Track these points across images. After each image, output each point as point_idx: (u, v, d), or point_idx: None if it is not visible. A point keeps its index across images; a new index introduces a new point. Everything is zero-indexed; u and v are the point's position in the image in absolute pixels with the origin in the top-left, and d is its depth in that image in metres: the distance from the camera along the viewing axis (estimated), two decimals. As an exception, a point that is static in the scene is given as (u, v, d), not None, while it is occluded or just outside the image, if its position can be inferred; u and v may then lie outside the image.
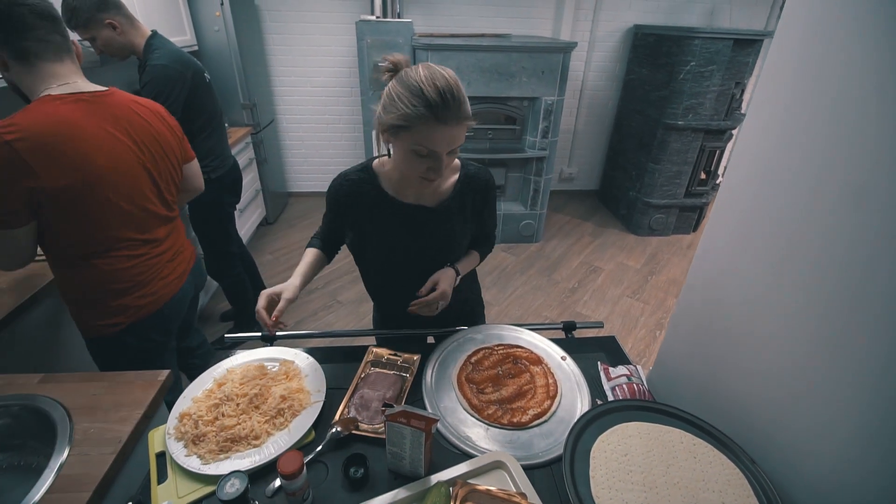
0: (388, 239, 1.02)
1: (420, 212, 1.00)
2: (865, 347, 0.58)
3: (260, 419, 0.85)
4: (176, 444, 0.81)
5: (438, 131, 0.79)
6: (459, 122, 0.80)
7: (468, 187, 1.03)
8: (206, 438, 0.81)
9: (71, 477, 0.79)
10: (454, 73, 0.82)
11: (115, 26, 1.60)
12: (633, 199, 3.72)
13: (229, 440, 0.81)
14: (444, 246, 1.05)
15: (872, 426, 0.57)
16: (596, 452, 0.74)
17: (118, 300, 1.16)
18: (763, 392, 0.76)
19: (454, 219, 1.03)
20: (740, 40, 2.96)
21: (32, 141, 0.93)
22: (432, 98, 0.76)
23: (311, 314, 2.68)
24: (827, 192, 0.62)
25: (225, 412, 0.85)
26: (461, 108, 0.79)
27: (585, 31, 3.73)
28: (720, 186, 0.88)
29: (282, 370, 0.97)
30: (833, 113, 0.61)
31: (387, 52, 2.95)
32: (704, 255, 0.94)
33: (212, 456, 0.78)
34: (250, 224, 3.25)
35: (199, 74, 1.81)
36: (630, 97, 3.80)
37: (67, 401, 0.94)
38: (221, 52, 2.92)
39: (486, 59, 2.89)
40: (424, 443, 0.73)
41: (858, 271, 0.58)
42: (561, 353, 1.08)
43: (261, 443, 0.82)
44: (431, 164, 0.85)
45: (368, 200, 1.00)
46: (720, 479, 0.70)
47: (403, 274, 1.07)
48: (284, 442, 0.82)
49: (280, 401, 0.88)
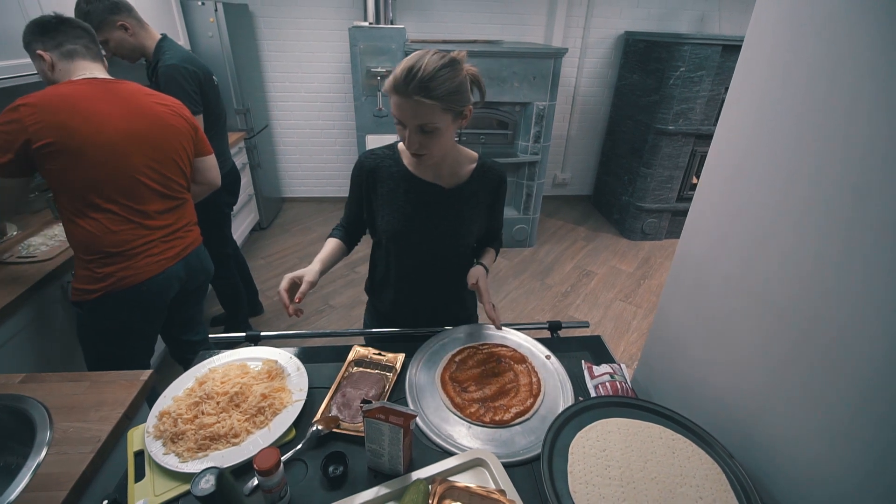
0: (404, 212, 1.06)
1: (434, 189, 1.06)
2: (839, 345, 0.58)
3: (240, 417, 0.84)
4: (154, 442, 0.80)
5: (396, 101, 0.88)
6: (410, 95, 0.85)
7: (482, 177, 1.10)
8: (185, 436, 0.80)
9: (48, 476, 0.79)
10: (440, 58, 0.87)
11: (127, 27, 1.64)
12: (626, 204, 3.74)
13: (208, 438, 0.80)
14: (454, 228, 1.10)
15: (847, 422, 0.58)
16: (574, 448, 0.74)
17: (104, 268, 1.22)
18: (741, 390, 0.77)
19: (465, 203, 1.09)
20: (729, 46, 3.00)
21: (33, 106, 1.10)
22: (398, 71, 0.86)
23: (303, 318, 2.68)
24: (798, 192, 0.64)
25: (205, 410, 0.85)
26: (416, 83, 0.84)
27: (577, 37, 3.77)
28: (696, 190, 0.90)
29: (264, 369, 0.97)
30: (800, 116, 0.63)
31: (379, 57, 2.98)
32: (684, 256, 0.95)
33: (190, 454, 0.78)
34: (244, 228, 3.24)
35: (208, 76, 1.85)
36: (622, 103, 3.83)
37: (49, 400, 0.93)
38: (215, 58, 2.94)
39: (477, 65, 2.86)
40: (403, 439, 0.72)
41: (830, 270, 0.59)
42: (546, 352, 1.08)
43: (240, 441, 0.81)
44: (404, 133, 0.92)
45: (389, 175, 1.06)
46: (698, 473, 0.70)
47: (416, 254, 1.11)
48: (264, 440, 0.81)
49: (261, 399, 0.87)
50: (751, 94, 0.72)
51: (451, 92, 0.88)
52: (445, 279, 1.16)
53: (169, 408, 0.86)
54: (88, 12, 1.55)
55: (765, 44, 0.69)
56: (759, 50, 0.71)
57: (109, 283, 1.22)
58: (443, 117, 0.90)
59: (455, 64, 0.89)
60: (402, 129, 0.92)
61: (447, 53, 0.89)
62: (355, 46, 2.93)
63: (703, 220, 0.87)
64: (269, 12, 3.45)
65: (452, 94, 0.88)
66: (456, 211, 1.09)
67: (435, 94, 0.86)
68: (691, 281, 0.91)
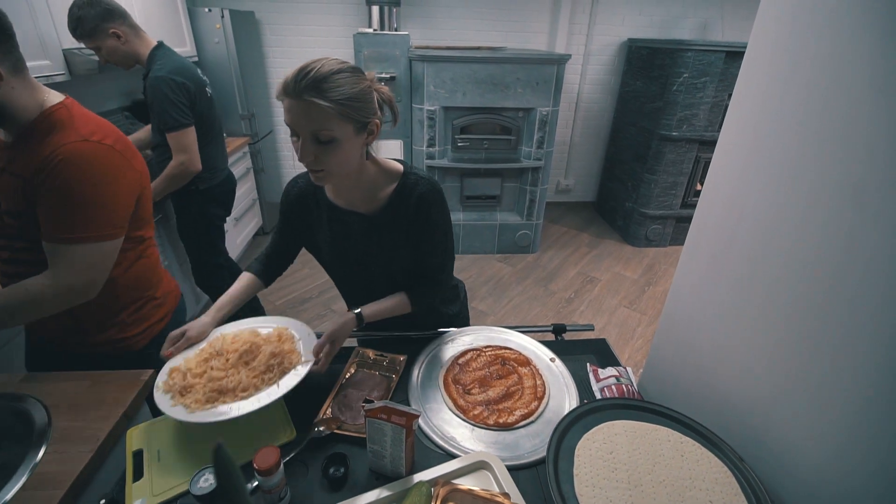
0: (330, 242, 1.02)
1: (353, 217, 0.98)
2: (848, 347, 0.57)
3: (249, 374, 0.84)
4: (163, 396, 0.81)
5: (287, 104, 0.78)
6: (301, 96, 0.76)
7: (402, 198, 0.95)
8: (194, 389, 0.81)
9: (46, 474, 0.78)
10: (339, 62, 0.80)
11: (120, 35, 1.61)
12: (630, 211, 3.73)
13: (216, 391, 0.80)
14: (382, 258, 1.00)
15: (857, 424, 0.56)
16: (580, 450, 0.72)
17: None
18: (751, 393, 0.75)
19: (383, 230, 0.97)
20: (732, 52, 3.00)
21: (123, 142, 0.96)
22: (290, 72, 0.77)
23: (306, 323, 2.66)
24: (802, 196, 0.63)
25: (214, 366, 0.85)
26: (309, 82, 0.75)
27: (580, 44, 3.79)
28: (700, 196, 0.89)
29: (275, 333, 0.96)
30: (803, 120, 0.62)
31: (383, 64, 3.00)
32: (688, 260, 0.94)
33: (198, 405, 0.78)
34: (247, 233, 3.25)
35: (200, 87, 1.81)
36: (625, 109, 3.84)
37: (48, 399, 0.92)
38: (221, 64, 2.96)
39: (480, 71, 2.93)
40: (405, 440, 0.71)
41: (836, 273, 0.58)
42: (550, 354, 1.07)
43: (248, 395, 0.81)
44: (298, 144, 0.81)
45: (313, 203, 1.02)
46: (707, 477, 0.68)
47: (358, 280, 1.07)
48: (270, 397, 0.80)
49: (270, 357, 0.87)
50: (754, 100, 0.72)
51: (350, 98, 0.78)
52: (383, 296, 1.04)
53: (179, 365, 0.86)
54: (80, 18, 1.53)
55: (767, 49, 0.69)
56: (761, 55, 0.70)
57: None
58: (341, 126, 0.79)
59: (357, 72, 0.81)
60: (295, 140, 0.81)
61: (351, 63, 0.82)
62: (360, 53, 2.95)
63: (707, 226, 0.86)
64: (274, 19, 3.49)
65: (351, 100, 0.78)
66: (377, 240, 0.98)
67: (329, 95, 0.76)
68: (697, 285, 0.90)
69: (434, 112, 3.06)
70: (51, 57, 1.64)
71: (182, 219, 2.02)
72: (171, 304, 1.21)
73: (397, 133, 3.25)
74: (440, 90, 2.99)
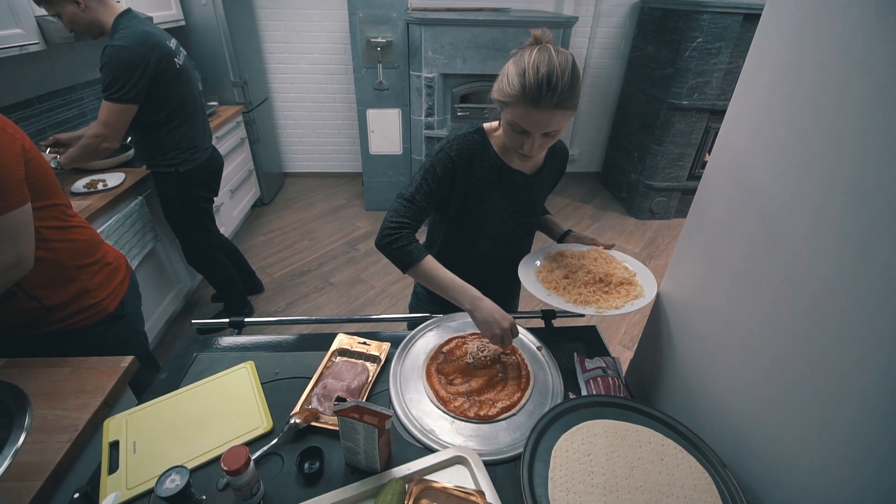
0: (492, 199, 1.04)
1: (519, 176, 1.04)
2: (837, 357, 0.54)
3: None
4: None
5: (531, 114, 0.83)
6: (553, 109, 0.82)
7: (554, 157, 1.10)
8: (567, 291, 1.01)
9: (25, 465, 0.78)
10: (568, 59, 0.82)
11: (79, 2, 1.49)
12: (635, 182, 3.63)
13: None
14: (531, 212, 1.12)
15: (853, 435, 0.53)
16: (557, 451, 0.70)
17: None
18: (738, 397, 0.73)
19: (541, 185, 1.10)
20: (750, 15, 2.81)
21: None
22: (529, 82, 0.80)
23: (303, 296, 2.66)
24: (804, 197, 0.57)
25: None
26: (557, 95, 0.80)
27: (590, 5, 3.57)
28: (705, 168, 0.83)
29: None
30: (817, 90, 0.56)
31: (380, 27, 2.85)
32: (680, 260, 0.90)
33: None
34: (244, 205, 3.21)
35: (167, 59, 1.66)
36: (635, 76, 3.66)
37: (29, 386, 0.92)
38: (209, 28, 2.83)
39: (482, 35, 2.78)
40: (378, 438, 0.70)
41: (839, 272, 0.53)
42: (537, 343, 1.04)
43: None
44: (525, 140, 0.89)
45: (481, 162, 1.01)
46: (687, 483, 0.66)
47: (493, 236, 1.11)
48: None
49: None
50: (768, 67, 0.65)
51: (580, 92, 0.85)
52: (508, 257, 1.16)
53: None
54: None
55: (785, 11, 0.62)
56: (779, 18, 0.64)
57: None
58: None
59: (572, 57, 0.84)
60: (521, 136, 0.88)
61: (558, 48, 0.83)
62: (354, 15, 2.80)
63: (711, 199, 0.81)
64: (266, -22, 3.31)
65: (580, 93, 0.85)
66: (533, 194, 1.09)
67: (575, 102, 0.83)
68: (695, 263, 0.86)
69: (432, 80, 2.93)
70: (23, 25, 1.55)
71: (165, 202, 1.93)
72: (125, 269, 1.24)
73: (394, 102, 3.13)
74: (439, 56, 2.86)
